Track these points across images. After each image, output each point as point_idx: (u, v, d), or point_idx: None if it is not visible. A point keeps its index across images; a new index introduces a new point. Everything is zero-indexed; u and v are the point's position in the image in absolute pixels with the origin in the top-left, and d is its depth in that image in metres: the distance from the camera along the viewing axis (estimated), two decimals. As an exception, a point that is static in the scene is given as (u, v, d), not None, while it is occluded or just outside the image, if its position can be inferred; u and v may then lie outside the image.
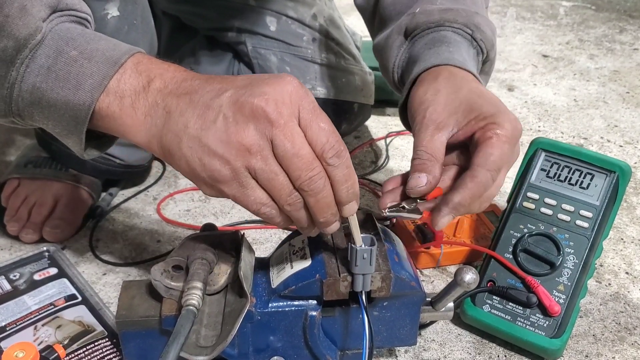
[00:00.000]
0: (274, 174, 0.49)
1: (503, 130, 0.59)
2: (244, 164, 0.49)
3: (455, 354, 0.69)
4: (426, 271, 0.81)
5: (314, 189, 0.50)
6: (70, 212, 0.86)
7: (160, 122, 0.51)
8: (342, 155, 0.51)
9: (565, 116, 1.23)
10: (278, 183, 0.50)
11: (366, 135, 1.13)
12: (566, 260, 0.69)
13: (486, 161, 0.58)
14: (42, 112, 0.53)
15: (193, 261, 0.57)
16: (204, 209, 0.92)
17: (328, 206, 0.52)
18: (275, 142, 0.49)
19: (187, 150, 0.49)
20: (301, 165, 0.49)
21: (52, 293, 0.74)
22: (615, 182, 0.70)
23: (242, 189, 0.50)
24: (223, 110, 0.49)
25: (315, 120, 0.50)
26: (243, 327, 0.58)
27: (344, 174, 0.51)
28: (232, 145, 0.48)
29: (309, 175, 0.49)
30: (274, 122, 0.48)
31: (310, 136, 0.50)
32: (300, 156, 0.49)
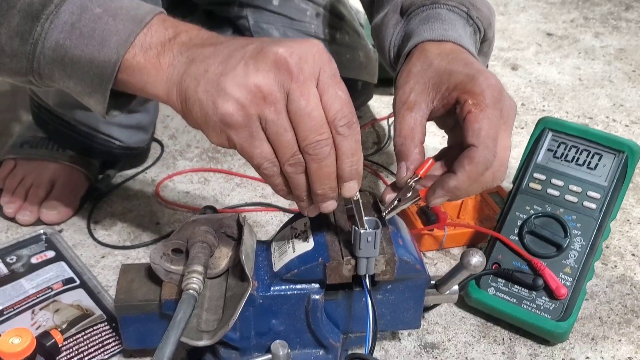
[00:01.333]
0: (283, 129, 0.49)
1: (478, 98, 0.57)
2: (257, 111, 0.48)
3: (460, 337, 0.68)
4: (429, 253, 0.80)
5: (319, 154, 0.49)
6: (67, 194, 0.84)
7: (182, 69, 0.50)
8: (353, 127, 0.50)
9: (570, 95, 1.21)
10: (285, 139, 0.49)
11: (368, 116, 1.11)
12: (573, 242, 0.68)
13: (478, 138, 0.56)
14: (64, 70, 0.52)
15: (193, 244, 0.56)
16: (204, 191, 0.90)
17: (328, 177, 0.51)
18: (291, 96, 0.48)
19: (203, 94, 0.49)
20: (311, 126, 0.49)
21: (49, 276, 0.73)
22: (624, 162, 0.69)
23: (250, 139, 0.49)
24: (246, 57, 0.48)
25: (334, 86, 0.50)
26: (245, 311, 0.57)
27: (351, 147, 0.50)
28: (250, 89, 0.48)
29: (316, 138, 0.49)
30: (294, 76, 0.48)
31: (325, 100, 0.49)
32: (312, 117, 0.48)
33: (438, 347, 0.67)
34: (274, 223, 0.85)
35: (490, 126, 0.56)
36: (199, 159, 0.97)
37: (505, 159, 0.59)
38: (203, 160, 0.97)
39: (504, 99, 0.59)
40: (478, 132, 0.56)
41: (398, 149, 0.59)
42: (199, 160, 0.97)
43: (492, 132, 0.56)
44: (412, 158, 0.59)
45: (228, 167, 0.95)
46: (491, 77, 0.59)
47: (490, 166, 0.57)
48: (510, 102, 0.60)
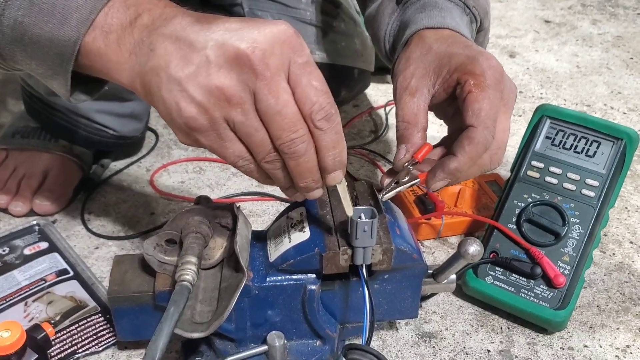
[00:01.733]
0: (253, 129, 0.46)
1: (479, 78, 0.56)
2: (222, 114, 0.46)
3: (457, 326, 0.68)
4: (427, 242, 0.80)
5: (295, 152, 0.47)
6: (60, 184, 0.83)
7: (144, 60, 0.47)
8: (332, 119, 0.47)
9: (568, 83, 1.20)
10: (257, 139, 0.47)
11: (365, 104, 1.10)
12: (571, 230, 0.67)
13: (477, 118, 0.55)
14: (24, 51, 0.50)
15: (187, 235, 0.55)
16: (199, 180, 0.89)
17: (309, 171, 0.48)
18: (258, 95, 0.45)
19: (166, 93, 0.46)
20: (283, 125, 0.46)
21: (42, 268, 0.72)
22: (622, 149, 0.68)
23: (219, 141, 0.47)
24: (207, 52, 0.45)
25: (307, 76, 0.46)
26: (240, 302, 0.56)
27: (332, 140, 0.48)
28: (212, 91, 0.45)
29: (290, 137, 0.46)
30: (259, 74, 0.44)
31: (299, 94, 0.46)
32: (283, 115, 0.45)
33: (436, 336, 0.67)
34: (270, 213, 0.84)
35: (490, 107, 0.55)
36: (194, 148, 0.96)
37: (503, 141, 0.58)
38: (198, 150, 0.96)
39: (505, 81, 0.58)
40: (478, 112, 0.55)
41: (400, 133, 0.59)
42: (194, 149, 0.96)
43: (492, 112, 0.55)
44: (412, 142, 0.58)
45: (223, 156, 0.94)
46: (492, 58, 0.58)
47: (489, 148, 0.56)
48: (511, 84, 0.59)
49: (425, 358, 0.64)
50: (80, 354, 0.63)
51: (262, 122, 0.46)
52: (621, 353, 0.65)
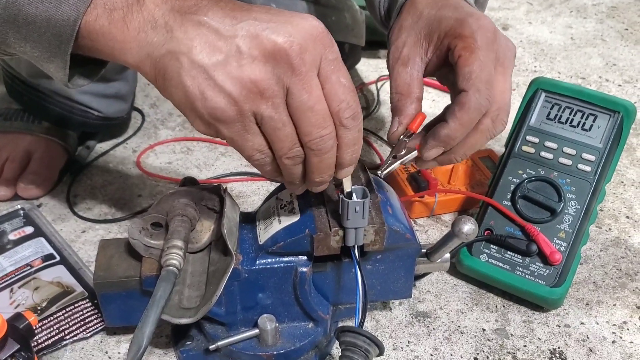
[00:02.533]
0: (281, 123, 0.45)
1: (468, 40, 0.54)
2: (252, 107, 0.44)
3: (452, 304, 0.67)
4: (420, 220, 0.78)
5: (322, 149, 0.46)
6: (45, 167, 0.81)
7: (158, 40, 0.44)
8: (357, 117, 0.47)
9: (562, 55, 1.18)
10: (283, 134, 0.45)
11: (356, 80, 1.08)
12: (567, 206, 0.66)
13: (468, 82, 0.53)
14: (18, 32, 0.46)
15: (173, 218, 0.54)
16: (187, 161, 0.88)
17: (329, 167, 0.48)
18: (291, 90, 0.44)
19: (188, 79, 0.43)
20: (314, 121, 0.45)
21: (28, 253, 0.70)
22: (619, 122, 0.67)
23: (242, 133, 0.45)
24: (238, 42, 0.43)
25: (336, 73, 0.45)
26: (230, 286, 0.55)
27: (354, 137, 0.47)
28: (244, 84, 0.43)
29: (320, 133, 0.45)
30: (295, 69, 0.43)
31: (328, 90, 0.45)
32: (315, 111, 0.44)
33: (430, 315, 0.66)
34: (260, 193, 0.83)
35: (481, 69, 0.53)
36: (182, 128, 0.94)
37: (504, 102, 0.56)
38: (186, 129, 0.94)
39: (499, 40, 0.56)
40: (468, 75, 0.53)
41: (394, 105, 0.57)
42: (182, 129, 0.94)
43: (484, 74, 0.53)
44: (405, 113, 0.56)
45: (212, 136, 0.92)
46: (483, 18, 0.55)
47: (487, 112, 0.54)
48: (507, 42, 0.57)
49: (419, 338, 0.63)
50: (68, 340, 0.62)
51: (292, 118, 0.45)
52: (618, 329, 0.64)
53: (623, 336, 0.64)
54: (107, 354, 0.61)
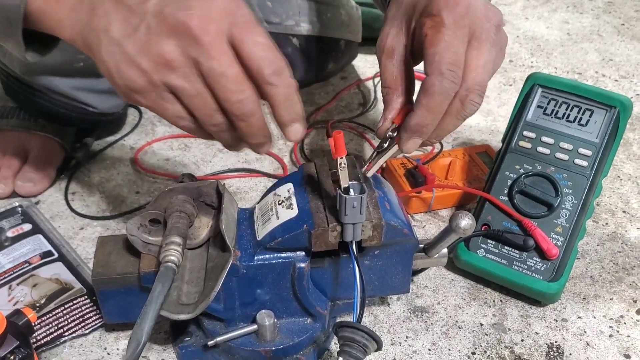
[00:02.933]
0: (195, 91, 0.47)
1: (435, 19, 0.51)
2: (161, 78, 0.46)
3: (450, 299, 0.67)
4: (418, 216, 0.79)
5: (245, 113, 0.47)
6: (42, 165, 0.81)
7: (84, 18, 0.48)
8: (282, 72, 0.47)
9: (559, 51, 1.18)
10: (200, 103, 0.47)
11: (353, 76, 1.08)
12: (564, 201, 0.66)
13: (431, 65, 0.50)
14: None
15: (171, 214, 0.54)
16: (184, 157, 0.88)
17: (260, 129, 0.49)
18: (199, 60, 0.46)
19: (107, 55, 0.47)
20: (229, 86, 0.46)
21: (26, 250, 0.70)
22: (615, 117, 0.67)
23: (159, 101, 0.48)
24: (147, 18, 0.46)
25: (250, 34, 0.46)
26: (228, 282, 0.55)
27: (285, 93, 0.48)
28: (152, 57, 0.46)
29: (238, 97, 0.47)
30: (198, 39, 0.45)
31: (245, 53, 0.46)
32: (227, 76, 0.46)
33: (428, 310, 0.66)
34: (257, 189, 0.83)
35: (446, 49, 0.50)
36: (179, 125, 0.94)
37: (475, 81, 0.52)
38: (183, 126, 0.94)
39: (474, 12, 0.52)
40: (432, 58, 0.50)
41: (383, 99, 0.56)
42: (179, 126, 0.94)
43: (448, 55, 0.50)
44: (391, 107, 0.55)
45: (209, 132, 0.92)
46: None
47: (456, 93, 0.52)
48: (487, 12, 0.53)
49: (417, 333, 0.63)
50: (67, 337, 0.62)
51: (208, 86, 0.47)
52: (615, 324, 0.65)
53: (620, 330, 0.64)
54: (105, 351, 0.61)
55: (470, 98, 0.53)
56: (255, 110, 0.48)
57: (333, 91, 1.03)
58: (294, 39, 0.93)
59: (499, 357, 0.61)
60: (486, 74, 0.53)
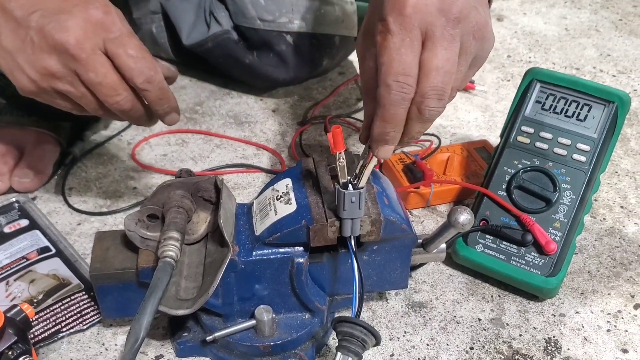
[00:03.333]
0: (80, 94, 0.56)
1: (384, 23, 0.48)
2: (49, 85, 0.55)
3: (448, 295, 0.67)
4: (416, 211, 0.79)
5: (123, 110, 0.57)
6: (38, 160, 0.80)
7: None
8: (152, 79, 0.56)
9: (557, 46, 1.18)
10: (86, 101, 0.56)
11: (351, 71, 1.08)
12: (562, 196, 0.66)
13: (379, 75, 0.49)
14: None
15: (169, 209, 0.54)
16: (182, 153, 0.87)
17: (140, 118, 0.59)
18: (78, 72, 0.54)
19: (2, 60, 0.55)
20: (106, 92, 0.55)
21: (23, 246, 0.70)
22: (614, 112, 0.67)
23: (51, 100, 0.58)
24: (31, 33, 0.53)
25: (122, 48, 0.54)
26: (226, 277, 0.55)
27: (158, 95, 0.57)
28: (38, 69, 0.54)
29: (115, 99, 0.56)
30: (76, 57, 0.53)
31: (119, 64, 0.55)
32: (104, 84, 0.54)
33: (426, 306, 0.66)
34: (255, 185, 0.82)
35: (392, 58, 0.48)
36: (176, 120, 0.94)
37: (430, 85, 0.49)
38: (180, 121, 0.93)
39: (423, 11, 0.49)
40: (380, 69, 0.49)
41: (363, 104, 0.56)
42: (176, 121, 0.93)
43: (395, 65, 0.48)
44: (366, 113, 0.54)
45: (207, 127, 0.92)
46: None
47: (413, 99, 0.50)
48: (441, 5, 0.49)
49: (415, 328, 0.63)
50: (65, 332, 0.62)
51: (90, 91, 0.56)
52: (612, 318, 0.65)
53: (617, 325, 0.64)
54: (103, 346, 0.61)
55: (426, 104, 0.50)
56: (132, 106, 0.57)
57: (331, 86, 1.03)
58: (287, 36, 0.93)
59: (497, 351, 0.61)
60: (444, 75, 0.49)
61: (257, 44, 0.93)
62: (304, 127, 0.92)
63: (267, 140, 0.90)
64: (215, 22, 0.93)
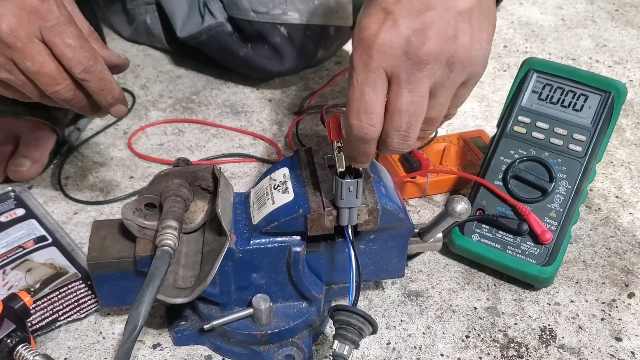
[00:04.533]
0: (21, 82, 0.54)
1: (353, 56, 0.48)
2: None
3: (444, 284, 0.68)
4: (412, 201, 0.79)
5: (64, 99, 0.56)
6: (34, 149, 0.80)
7: None
8: (91, 69, 0.55)
9: (553, 36, 1.18)
10: (27, 88, 0.55)
11: (347, 61, 1.08)
12: (558, 185, 0.66)
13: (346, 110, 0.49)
14: None
15: (167, 198, 0.54)
16: (178, 142, 0.87)
17: (85, 107, 0.58)
18: (15, 60, 0.53)
19: None
20: (45, 81, 0.54)
21: (20, 235, 0.70)
22: (610, 102, 0.67)
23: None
24: None
25: (59, 37, 0.53)
26: (224, 266, 0.55)
27: (98, 85, 0.56)
28: None
29: (54, 89, 0.54)
30: (11, 45, 0.52)
31: (57, 53, 0.53)
32: (42, 73, 0.53)
33: (422, 294, 0.66)
34: (252, 174, 0.82)
35: (354, 95, 0.48)
36: (172, 109, 0.94)
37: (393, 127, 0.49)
38: (177, 111, 0.93)
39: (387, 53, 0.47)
40: (347, 102, 0.49)
41: None
42: (172, 110, 0.93)
43: (356, 103, 0.48)
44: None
45: (203, 117, 0.92)
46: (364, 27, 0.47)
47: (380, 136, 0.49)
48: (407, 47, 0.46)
49: (412, 317, 0.64)
50: (62, 321, 0.62)
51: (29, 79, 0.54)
52: (607, 307, 0.65)
53: (612, 314, 0.65)
54: (101, 335, 0.61)
55: (389, 144, 0.50)
56: (74, 96, 0.56)
57: (327, 76, 1.03)
58: (281, 27, 0.93)
59: (492, 340, 0.62)
60: (408, 117, 0.48)
61: (251, 36, 0.93)
62: (300, 116, 0.92)
63: (263, 130, 0.90)
64: (209, 14, 0.93)
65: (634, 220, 0.76)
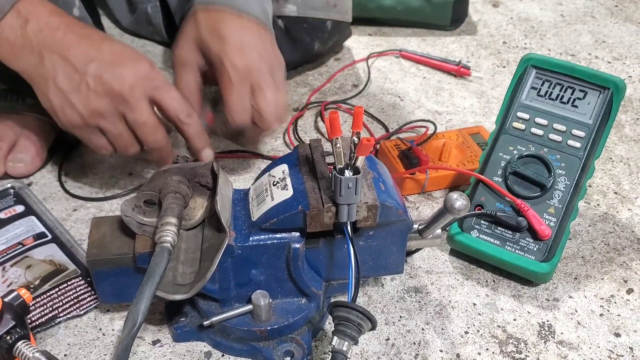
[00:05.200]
0: (118, 134, 0.66)
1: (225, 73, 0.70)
2: (95, 123, 0.65)
3: (443, 280, 0.68)
4: (411, 197, 0.79)
5: (158, 147, 0.68)
6: (33, 145, 0.80)
7: (33, 61, 0.63)
8: (192, 115, 0.69)
9: (552, 32, 1.18)
10: (122, 140, 0.67)
11: (347, 57, 1.08)
12: (557, 182, 0.67)
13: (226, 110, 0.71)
14: None
15: (166, 195, 0.54)
16: (178, 139, 0.87)
17: (167, 156, 0.70)
18: (125, 113, 0.65)
19: (53, 97, 0.64)
20: (147, 130, 0.66)
21: (19, 232, 0.70)
22: (609, 99, 0.67)
23: (89, 136, 0.67)
24: (87, 79, 0.63)
25: (167, 93, 0.67)
26: (223, 262, 0.55)
27: (195, 129, 0.70)
28: (90, 108, 0.64)
29: (154, 137, 0.67)
30: (127, 101, 0.64)
31: (165, 106, 0.67)
32: (147, 124, 0.66)
33: (421, 291, 0.67)
34: (251, 171, 0.82)
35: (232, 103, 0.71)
36: (172, 106, 0.93)
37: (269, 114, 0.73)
38: (176, 107, 0.93)
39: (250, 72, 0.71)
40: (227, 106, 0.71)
41: None
42: (172, 107, 0.93)
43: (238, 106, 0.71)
44: None
45: (202, 113, 0.92)
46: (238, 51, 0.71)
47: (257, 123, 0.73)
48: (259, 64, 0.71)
49: (411, 313, 0.64)
50: (62, 317, 0.62)
51: (132, 130, 0.66)
52: (606, 303, 0.66)
53: (610, 309, 0.65)
54: (100, 331, 0.61)
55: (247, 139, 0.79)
56: (166, 144, 0.69)
57: (327, 72, 1.03)
58: (279, 20, 0.93)
59: (491, 336, 0.62)
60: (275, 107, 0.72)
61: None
62: (299, 113, 0.92)
63: (262, 126, 0.90)
64: None
65: (632, 216, 0.76)
